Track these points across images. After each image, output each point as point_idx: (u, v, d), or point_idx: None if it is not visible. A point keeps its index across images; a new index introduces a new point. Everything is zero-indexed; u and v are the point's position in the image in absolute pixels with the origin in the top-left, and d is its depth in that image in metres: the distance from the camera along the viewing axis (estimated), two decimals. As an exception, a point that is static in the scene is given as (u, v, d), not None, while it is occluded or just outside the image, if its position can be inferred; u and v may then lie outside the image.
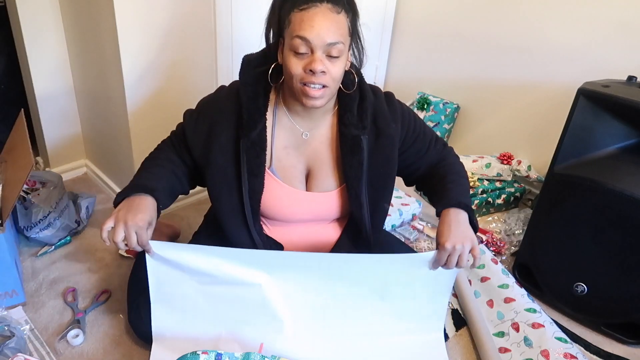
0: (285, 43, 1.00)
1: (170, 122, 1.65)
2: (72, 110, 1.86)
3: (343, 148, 1.11)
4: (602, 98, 1.31)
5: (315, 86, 0.99)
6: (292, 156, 1.14)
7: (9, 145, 1.49)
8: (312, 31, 0.95)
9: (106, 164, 1.87)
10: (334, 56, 0.98)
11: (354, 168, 1.11)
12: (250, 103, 1.07)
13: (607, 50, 1.69)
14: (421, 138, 1.21)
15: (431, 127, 1.29)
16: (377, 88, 1.17)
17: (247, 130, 1.07)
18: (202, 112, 1.14)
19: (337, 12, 0.97)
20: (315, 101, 1.01)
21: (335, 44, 0.96)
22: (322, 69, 0.97)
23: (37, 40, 1.67)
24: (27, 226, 1.47)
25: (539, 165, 1.93)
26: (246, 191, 1.10)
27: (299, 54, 0.97)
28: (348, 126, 1.10)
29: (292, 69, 0.99)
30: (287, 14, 0.98)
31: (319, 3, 0.95)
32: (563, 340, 1.29)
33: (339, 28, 0.97)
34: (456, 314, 1.41)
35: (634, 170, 1.32)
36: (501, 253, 1.65)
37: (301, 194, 1.15)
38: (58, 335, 1.24)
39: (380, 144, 1.12)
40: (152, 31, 1.48)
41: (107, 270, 1.48)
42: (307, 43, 0.96)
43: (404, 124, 1.17)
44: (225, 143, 1.09)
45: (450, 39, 2.13)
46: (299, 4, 0.96)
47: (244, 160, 1.08)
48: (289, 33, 0.98)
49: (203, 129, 1.12)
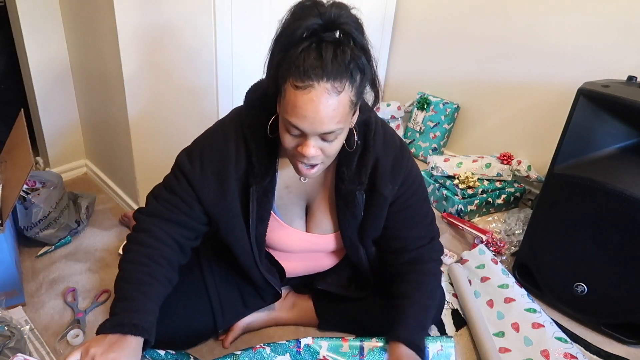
0: (279, 108, 0.89)
1: (170, 122, 1.66)
2: (72, 111, 1.86)
3: (337, 199, 1.06)
4: (602, 98, 1.31)
5: (307, 165, 0.92)
6: (293, 195, 1.10)
7: (9, 145, 1.49)
8: (304, 120, 0.83)
9: (106, 164, 1.87)
10: (330, 140, 0.88)
11: (347, 220, 1.08)
12: (260, 150, 0.99)
13: (607, 50, 1.69)
14: (414, 210, 1.10)
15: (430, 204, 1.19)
16: (392, 139, 1.06)
17: (259, 178, 0.99)
18: (206, 156, 1.01)
19: (337, 92, 0.81)
20: (307, 176, 0.95)
21: (330, 133, 0.85)
22: (315, 153, 0.88)
23: (37, 40, 1.67)
24: (27, 226, 1.47)
25: (539, 165, 1.93)
26: (253, 236, 1.07)
27: (292, 134, 0.88)
28: (344, 181, 1.02)
29: (284, 142, 0.90)
30: (283, 78, 0.84)
31: (317, 82, 0.80)
32: (563, 340, 1.29)
33: (337, 114, 0.83)
34: (456, 314, 1.41)
35: (634, 170, 1.32)
36: (501, 253, 1.65)
37: (302, 235, 1.14)
38: (58, 335, 1.24)
39: (374, 202, 1.06)
40: (152, 31, 1.48)
41: (107, 270, 1.48)
42: (299, 129, 0.85)
43: (403, 187, 1.07)
44: (234, 189, 1.01)
45: (450, 39, 2.13)
46: (294, 75, 0.81)
47: (253, 207, 1.02)
48: (282, 105, 0.86)
49: (211, 176, 1.00)
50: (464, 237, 1.78)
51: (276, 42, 0.86)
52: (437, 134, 2.25)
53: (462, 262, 1.60)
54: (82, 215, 1.64)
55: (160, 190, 1.05)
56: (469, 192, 1.85)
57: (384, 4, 2.22)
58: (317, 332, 1.31)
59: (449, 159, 1.97)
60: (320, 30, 0.81)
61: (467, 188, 1.86)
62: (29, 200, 1.45)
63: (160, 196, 1.04)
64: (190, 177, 1.01)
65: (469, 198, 1.85)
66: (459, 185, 1.87)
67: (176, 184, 1.02)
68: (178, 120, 1.68)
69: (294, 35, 0.81)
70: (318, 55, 0.80)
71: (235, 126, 1.01)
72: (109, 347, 0.85)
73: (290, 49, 0.82)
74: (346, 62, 0.81)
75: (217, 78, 1.72)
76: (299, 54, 0.81)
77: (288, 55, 0.82)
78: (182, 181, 1.02)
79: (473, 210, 1.86)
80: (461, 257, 1.63)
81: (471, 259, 1.58)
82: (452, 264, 1.57)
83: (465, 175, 1.89)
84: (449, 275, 1.55)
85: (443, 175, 1.94)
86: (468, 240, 1.76)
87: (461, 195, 1.85)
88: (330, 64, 0.80)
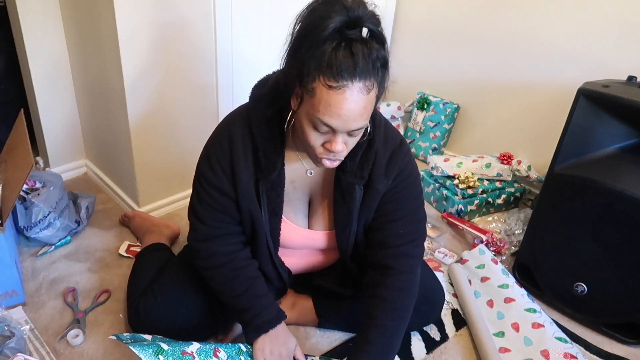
0: (304, 105, 0.88)
1: (170, 122, 1.66)
2: (72, 110, 1.86)
3: (336, 192, 1.07)
4: (602, 98, 1.31)
5: (333, 160, 0.94)
6: (298, 190, 1.10)
7: (9, 145, 1.49)
8: (338, 119, 0.84)
9: (106, 164, 1.87)
10: (355, 135, 0.91)
11: (342, 214, 1.08)
12: (266, 145, 0.99)
13: (607, 50, 1.69)
14: (402, 203, 1.08)
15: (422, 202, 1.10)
16: (393, 135, 1.07)
17: (266, 172, 1.00)
18: (221, 158, 1.02)
19: (368, 90, 0.83)
20: (329, 167, 0.96)
21: (359, 129, 0.88)
22: (343, 149, 0.90)
23: (37, 40, 1.67)
24: (27, 226, 1.47)
25: (539, 165, 1.93)
26: (267, 230, 1.08)
27: (320, 131, 0.88)
28: (346, 173, 1.03)
29: (309, 140, 0.90)
30: (312, 76, 0.83)
31: (351, 82, 0.81)
32: (563, 340, 1.29)
33: (367, 111, 0.86)
34: (456, 314, 1.41)
35: (634, 170, 1.32)
36: (501, 253, 1.65)
37: (304, 232, 1.14)
38: (58, 335, 1.24)
39: (369, 195, 1.06)
40: (152, 31, 1.48)
41: (107, 270, 1.48)
42: (330, 127, 0.86)
43: (396, 180, 1.06)
44: (246, 185, 1.02)
45: (450, 39, 2.13)
46: (326, 74, 0.81)
47: (264, 201, 1.04)
48: (310, 104, 0.86)
49: (225, 174, 1.02)
50: (464, 237, 1.78)
51: (300, 40, 0.84)
52: (437, 134, 2.25)
53: (462, 262, 1.60)
54: (82, 215, 1.64)
55: (199, 210, 1.07)
56: (469, 192, 1.85)
57: (384, 4, 2.22)
58: (318, 331, 1.32)
59: (449, 159, 1.98)
60: (346, 28, 0.81)
61: (467, 188, 1.86)
62: (29, 200, 1.45)
63: (204, 218, 1.07)
64: (218, 184, 1.03)
65: (469, 198, 1.85)
66: (459, 185, 1.87)
67: (209, 198, 1.05)
68: (178, 119, 1.68)
69: (321, 34, 0.80)
70: (349, 54, 0.80)
71: (241, 122, 1.02)
72: (271, 344, 1.07)
73: (319, 47, 0.81)
74: (373, 59, 0.82)
75: (217, 77, 1.72)
76: (330, 53, 0.81)
77: (317, 53, 0.81)
78: (214, 193, 1.04)
79: (473, 210, 1.86)
80: (461, 257, 1.63)
81: (471, 259, 1.58)
82: (452, 264, 1.57)
83: (465, 175, 1.89)
84: (449, 275, 1.55)
85: (443, 175, 1.94)
86: (468, 240, 1.76)
87: (461, 195, 1.85)
88: (361, 63, 0.81)
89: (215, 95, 1.75)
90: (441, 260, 1.64)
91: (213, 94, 1.74)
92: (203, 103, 1.73)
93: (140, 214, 1.67)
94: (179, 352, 1.01)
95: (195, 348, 1.03)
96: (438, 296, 1.30)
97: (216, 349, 1.06)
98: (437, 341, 1.32)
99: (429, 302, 1.28)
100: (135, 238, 1.63)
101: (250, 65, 1.79)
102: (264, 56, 1.81)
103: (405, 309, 1.08)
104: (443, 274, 1.57)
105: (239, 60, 1.75)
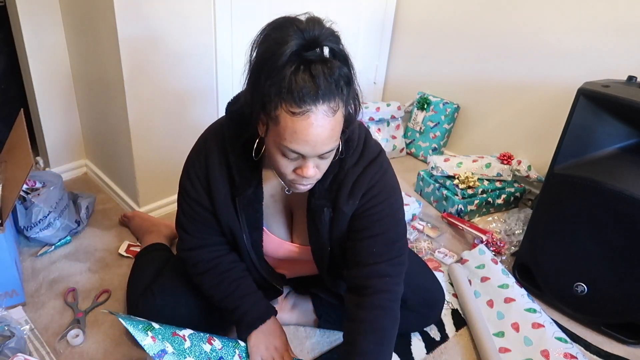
0: (269, 133, 0.86)
1: (170, 122, 1.66)
2: (72, 110, 1.86)
3: (308, 213, 1.06)
4: (602, 98, 1.31)
5: (306, 184, 0.92)
6: (278, 203, 1.10)
7: (9, 145, 1.49)
8: (306, 145, 0.82)
9: (106, 164, 1.87)
10: (326, 157, 0.88)
11: (314, 234, 1.07)
12: (240, 164, 0.98)
13: (607, 50, 1.69)
14: (372, 222, 1.02)
15: (404, 223, 1.09)
16: (369, 152, 1.01)
17: (241, 189, 0.99)
18: (199, 173, 1.02)
19: (333, 111, 0.80)
20: (302, 191, 0.96)
21: (329, 152, 0.86)
22: (314, 173, 0.88)
23: (37, 40, 1.67)
24: (27, 226, 1.47)
25: (539, 165, 1.93)
26: (249, 244, 1.09)
27: (289, 158, 0.86)
28: (314, 195, 1.00)
29: (280, 167, 0.89)
30: (274, 104, 0.80)
31: (315, 105, 0.78)
32: (563, 340, 1.29)
33: (336, 132, 0.84)
34: (456, 314, 1.41)
35: (634, 170, 1.32)
36: (501, 253, 1.65)
37: (286, 245, 1.14)
38: (58, 335, 1.24)
39: (336, 217, 1.03)
40: (152, 31, 1.48)
41: (107, 270, 1.48)
42: (298, 154, 0.84)
43: (364, 197, 1.01)
44: (223, 200, 1.02)
45: (450, 39, 2.13)
46: (288, 101, 0.78)
47: (242, 217, 1.04)
48: (275, 132, 0.83)
49: (203, 189, 1.02)
50: (464, 237, 1.78)
51: (259, 68, 0.81)
52: (437, 134, 2.25)
53: (462, 262, 1.60)
54: (82, 215, 1.64)
55: (183, 221, 1.09)
56: (469, 192, 1.85)
57: (384, 4, 2.22)
58: (318, 331, 1.32)
59: (449, 159, 1.98)
60: (303, 50, 0.78)
61: (467, 188, 1.86)
62: (29, 200, 1.45)
63: (188, 229, 1.09)
64: (196, 197, 1.04)
65: (469, 198, 1.85)
66: (459, 185, 1.87)
67: (191, 211, 1.06)
68: (178, 120, 1.68)
69: (278, 60, 0.77)
70: (309, 77, 0.78)
71: (216, 139, 1.01)
72: (265, 339, 1.10)
73: (278, 73, 0.78)
74: (335, 79, 0.79)
75: (217, 80, 1.72)
76: (289, 78, 0.78)
77: (276, 80, 0.78)
78: (195, 206, 1.05)
79: (473, 210, 1.86)
80: (461, 257, 1.63)
81: (471, 259, 1.58)
82: (452, 264, 1.57)
83: (465, 175, 1.89)
84: (449, 275, 1.55)
85: (443, 175, 1.94)
86: (468, 240, 1.76)
87: (461, 195, 1.85)
88: (323, 85, 0.78)
89: (215, 98, 1.75)
90: (441, 260, 1.64)
91: (213, 96, 1.74)
92: (203, 105, 1.73)
93: (140, 214, 1.67)
94: (170, 333, 1.02)
95: (187, 332, 1.05)
96: (438, 296, 1.29)
97: (210, 337, 1.08)
98: (437, 341, 1.32)
99: (429, 302, 1.28)
100: (135, 238, 1.63)
101: (250, 65, 1.79)
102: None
103: (385, 329, 1.02)
104: (443, 274, 1.57)
105: (239, 63, 1.75)
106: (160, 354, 0.97)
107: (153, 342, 0.98)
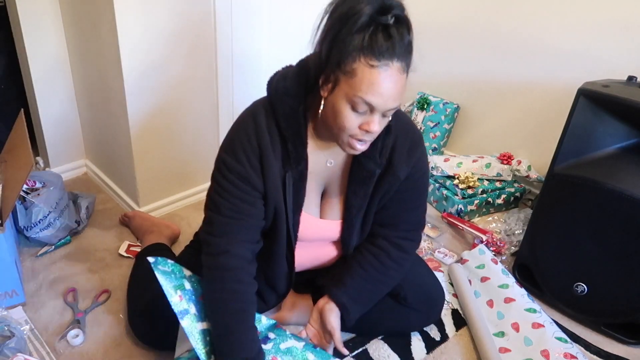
0: (341, 88, 0.90)
1: (170, 122, 1.66)
2: (72, 110, 1.86)
3: (355, 177, 1.08)
4: (602, 98, 1.31)
5: (365, 142, 0.96)
6: (313, 181, 1.10)
7: (9, 145, 1.49)
8: (380, 98, 0.88)
9: (106, 164, 1.87)
10: (388, 116, 0.94)
11: (359, 198, 1.09)
12: (295, 137, 1.00)
13: (607, 50, 1.69)
14: (417, 194, 1.15)
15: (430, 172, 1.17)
16: (412, 127, 1.11)
17: (294, 164, 1.01)
18: (248, 148, 1.00)
19: (404, 71, 0.89)
20: (359, 151, 0.98)
21: (394, 109, 0.92)
22: (380, 129, 0.93)
23: (37, 40, 1.67)
24: (27, 226, 1.47)
25: (539, 165, 1.93)
26: (291, 223, 1.08)
27: (358, 112, 0.90)
28: (367, 159, 1.05)
29: (346, 122, 0.92)
30: (353, 57, 0.86)
31: (391, 61, 0.86)
32: (563, 340, 1.29)
33: (403, 91, 0.91)
34: (456, 314, 1.41)
35: (634, 170, 1.32)
36: (501, 253, 1.65)
37: (318, 222, 1.14)
38: (58, 335, 1.24)
39: (386, 180, 1.08)
40: (152, 31, 1.48)
41: (107, 270, 1.48)
42: (370, 106, 0.89)
43: (414, 169, 1.09)
44: (275, 177, 1.02)
45: (450, 39, 2.13)
46: (368, 54, 0.85)
47: (289, 193, 1.04)
48: (349, 84, 0.88)
49: (252, 167, 1.00)
50: (464, 237, 1.78)
51: (338, 26, 0.87)
52: (437, 134, 2.25)
53: (462, 262, 1.60)
54: (82, 215, 1.64)
55: (218, 200, 1.02)
56: (469, 192, 1.85)
57: (384, 4, 2.22)
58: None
59: (449, 159, 1.98)
60: (378, 14, 0.86)
61: (467, 188, 1.86)
62: (29, 200, 1.46)
63: (222, 207, 1.01)
64: (243, 173, 1.00)
65: (469, 198, 1.85)
66: (459, 185, 1.87)
67: (232, 187, 1.01)
68: (178, 119, 1.68)
69: (359, 19, 0.85)
70: (387, 37, 0.86)
71: (265, 115, 1.01)
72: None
73: (358, 30, 0.85)
74: (405, 43, 0.88)
75: (217, 77, 1.72)
76: (369, 35, 0.85)
77: (356, 36, 0.85)
78: (238, 182, 1.00)
79: (473, 210, 1.86)
80: (461, 257, 1.63)
81: (471, 259, 1.58)
82: (452, 264, 1.57)
83: (465, 175, 1.89)
84: (449, 275, 1.55)
85: (443, 175, 1.94)
86: (468, 240, 1.76)
87: (461, 195, 1.85)
88: (398, 45, 0.86)
89: (215, 96, 1.75)
90: (441, 260, 1.64)
91: (213, 94, 1.74)
92: (203, 103, 1.73)
93: (140, 214, 1.67)
94: (198, 295, 1.06)
95: None
96: (438, 296, 1.30)
97: None
98: (437, 341, 1.32)
99: (429, 302, 1.28)
100: (135, 238, 1.63)
101: (250, 65, 1.79)
102: (264, 57, 1.81)
103: (392, 278, 1.16)
104: (443, 274, 1.57)
105: (238, 60, 1.75)
106: (183, 312, 1.01)
107: (179, 301, 1.02)
